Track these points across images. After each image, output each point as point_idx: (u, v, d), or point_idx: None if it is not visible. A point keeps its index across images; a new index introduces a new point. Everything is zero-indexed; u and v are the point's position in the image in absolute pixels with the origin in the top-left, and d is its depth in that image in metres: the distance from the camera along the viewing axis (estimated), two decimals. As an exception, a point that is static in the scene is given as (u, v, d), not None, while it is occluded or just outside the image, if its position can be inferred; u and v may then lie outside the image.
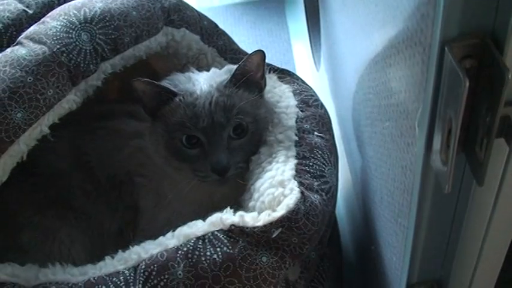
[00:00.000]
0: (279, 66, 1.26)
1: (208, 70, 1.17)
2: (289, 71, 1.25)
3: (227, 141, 1.02)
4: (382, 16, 0.71)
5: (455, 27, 0.51)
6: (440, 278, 0.78)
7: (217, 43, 1.27)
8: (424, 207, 0.67)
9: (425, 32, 0.55)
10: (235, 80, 1.04)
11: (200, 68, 1.19)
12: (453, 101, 0.51)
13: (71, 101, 1.03)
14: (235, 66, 1.07)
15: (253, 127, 1.04)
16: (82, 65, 1.03)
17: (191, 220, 0.95)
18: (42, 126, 0.99)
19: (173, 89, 1.04)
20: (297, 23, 1.93)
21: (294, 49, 2.00)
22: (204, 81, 1.07)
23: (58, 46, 1.01)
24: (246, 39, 1.06)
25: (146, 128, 1.11)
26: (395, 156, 0.75)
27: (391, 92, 0.72)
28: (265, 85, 1.11)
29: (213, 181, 1.03)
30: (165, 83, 1.07)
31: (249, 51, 1.07)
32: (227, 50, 1.28)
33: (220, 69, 1.16)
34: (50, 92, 0.99)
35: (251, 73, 1.05)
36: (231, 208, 0.94)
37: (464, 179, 0.63)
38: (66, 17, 1.04)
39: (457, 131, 0.52)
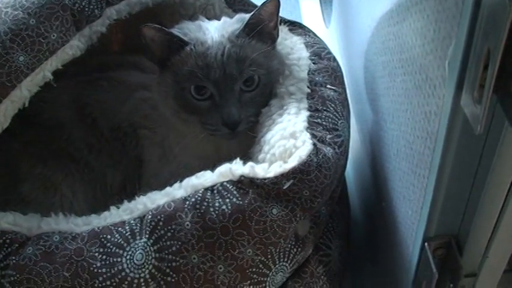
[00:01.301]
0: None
1: (216, 21, 1.14)
2: (300, 23, 1.21)
3: (238, 94, 0.99)
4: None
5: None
6: (459, 232, 0.75)
7: (225, -7, 1.23)
8: (449, 154, 0.64)
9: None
10: (249, 29, 1.01)
11: (208, 19, 1.15)
12: (494, 31, 0.47)
13: (74, 46, 1.00)
14: (247, 15, 1.03)
15: (265, 79, 1.02)
16: (87, 9, 1.00)
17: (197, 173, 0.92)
18: (45, 71, 0.96)
19: (184, 37, 1.00)
20: (306, -21, 1.89)
21: (301, 6, 1.95)
22: (215, 31, 1.03)
23: (62, -12, 0.97)
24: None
25: (153, 79, 1.08)
26: (418, 102, 0.71)
27: (417, 33, 0.68)
28: (278, 36, 1.07)
29: (223, 135, 1.01)
30: (175, 31, 1.03)
31: (258, 4, 1.03)
32: (236, 0, 1.24)
33: (229, 20, 1.12)
34: (53, 36, 0.96)
35: (265, 23, 1.01)
36: (240, 159, 0.91)
37: (493, 122, 0.59)
38: (71, -42, 1.00)
39: (496, 64, 0.48)
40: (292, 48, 1.11)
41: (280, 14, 1.06)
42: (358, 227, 1.22)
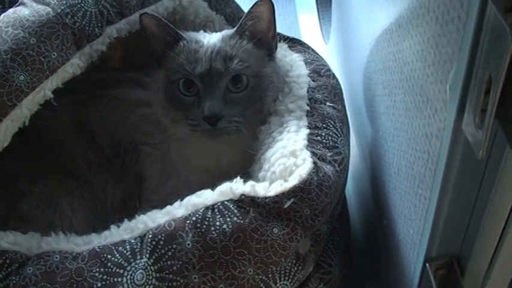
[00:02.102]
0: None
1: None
2: (299, 40, 1.22)
3: (224, 91, 1.00)
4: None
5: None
6: (460, 253, 0.75)
7: (225, 10, 1.24)
8: (450, 176, 0.64)
9: (463, -14, 0.51)
10: (241, 29, 1.03)
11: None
12: (495, 58, 0.47)
13: (75, 65, 1.00)
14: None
15: (254, 82, 1.02)
16: (87, 28, 1.00)
17: (198, 189, 0.93)
18: (45, 90, 0.96)
19: (179, 31, 1.03)
20: (304, -6, 1.89)
21: (300, 22, 1.96)
22: (214, 35, 1.06)
23: (62, 7, 0.98)
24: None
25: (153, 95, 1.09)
26: (419, 124, 0.71)
27: (417, 55, 0.69)
28: (276, 48, 1.08)
29: (204, 132, 1.00)
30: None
31: None
32: (235, 17, 1.24)
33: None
34: (53, 54, 0.96)
35: (259, 26, 1.02)
36: (240, 177, 0.91)
37: (494, 145, 0.59)
38: (71, -23, 1.00)
39: (498, 90, 0.48)
40: (292, 65, 1.11)
41: (279, 29, 1.07)
42: (358, 243, 1.22)
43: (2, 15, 0.98)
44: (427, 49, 0.65)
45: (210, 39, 1.04)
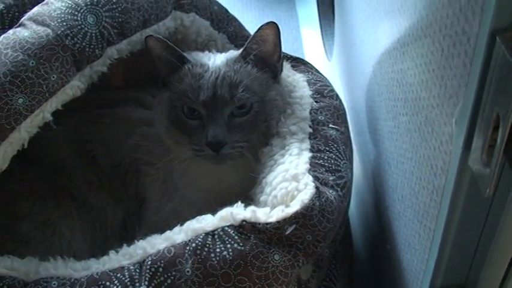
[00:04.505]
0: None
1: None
2: (303, 60, 1.20)
3: (228, 117, 0.99)
4: (414, 2, 0.66)
5: (509, 15, 0.45)
6: (466, 283, 0.74)
7: (227, 29, 1.23)
8: (456, 210, 0.63)
9: (470, 20, 0.50)
10: (246, 53, 1.02)
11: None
12: (504, 96, 0.46)
13: (75, 87, 0.99)
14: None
15: (258, 107, 1.00)
16: (87, 49, 0.98)
17: (200, 210, 0.92)
18: (44, 113, 0.95)
19: (184, 54, 1.03)
20: (307, 9, 1.88)
21: (303, 37, 1.95)
22: (219, 57, 1.05)
23: (62, 29, 0.97)
24: (254, 26, 1.01)
25: (155, 103, 1.09)
26: (424, 154, 0.70)
27: (422, 85, 0.67)
28: (281, 70, 1.07)
29: (208, 157, 0.99)
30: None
31: None
32: (238, 36, 1.24)
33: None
34: (53, 77, 0.95)
35: (264, 49, 1.02)
36: (241, 202, 0.90)
37: (501, 182, 0.58)
38: (71, -2, 0.99)
39: (507, 129, 0.47)
40: (295, 86, 1.10)
41: (283, 44, 1.05)
42: (361, 267, 1.20)
43: (2, 36, 0.96)
44: (432, 80, 0.63)
45: (215, 61, 1.03)
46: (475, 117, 0.53)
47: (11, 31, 0.97)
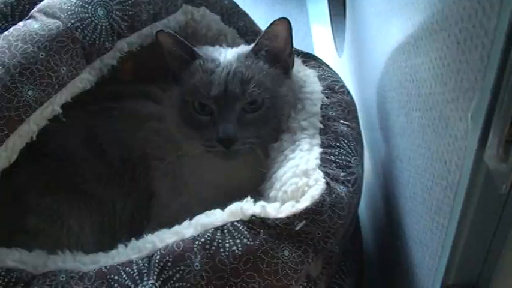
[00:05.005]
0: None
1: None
2: (313, 55, 1.20)
3: (239, 113, 0.98)
4: (430, -5, 0.65)
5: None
6: (478, 281, 0.73)
7: (237, 24, 1.22)
8: (470, 207, 0.62)
9: (488, 13, 0.49)
10: (258, 49, 1.01)
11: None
12: (523, 91, 0.45)
13: (84, 79, 0.99)
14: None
15: (269, 103, 1.00)
16: (97, 42, 0.98)
17: (209, 205, 0.91)
18: (54, 105, 0.95)
19: (195, 49, 1.02)
20: (317, 5, 1.87)
21: (313, 33, 1.94)
22: (230, 52, 1.05)
23: (73, 21, 0.96)
24: (264, 22, 1.00)
25: (165, 98, 1.09)
26: (437, 149, 0.69)
27: (437, 79, 0.66)
28: (292, 65, 1.07)
29: (218, 152, 0.99)
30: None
31: None
32: (248, 31, 1.23)
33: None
34: (63, 69, 0.94)
35: (276, 45, 1.01)
36: (251, 197, 0.89)
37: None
38: (81, -10, 0.99)
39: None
40: (306, 81, 1.09)
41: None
42: (371, 263, 1.19)
43: (12, 28, 0.96)
44: (447, 74, 0.62)
45: (226, 56, 1.03)
46: (492, 112, 0.52)
47: (21, 23, 0.97)
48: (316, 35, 1.93)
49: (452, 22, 0.59)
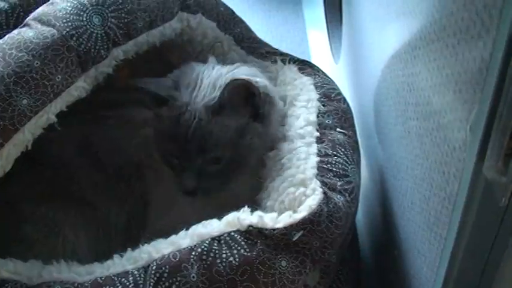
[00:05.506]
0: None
1: (224, 59, 1.14)
2: (310, 62, 1.19)
3: (200, 166, 0.98)
4: (427, 4, 0.65)
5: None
6: (477, 291, 0.72)
7: (234, 31, 1.22)
8: (469, 218, 0.61)
9: (487, 25, 0.48)
10: (223, 102, 0.97)
11: (216, 57, 1.14)
12: (522, 105, 0.44)
13: (80, 88, 0.98)
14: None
15: (230, 157, 0.99)
16: (92, 50, 0.98)
17: (205, 215, 0.91)
18: (49, 114, 0.94)
19: (162, 94, 1.01)
20: (314, 11, 1.86)
21: (310, 39, 1.93)
22: (203, 88, 1.01)
23: (68, 29, 0.96)
24: (260, 28, 1.00)
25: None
26: (435, 160, 0.68)
27: (435, 89, 0.66)
28: (266, 112, 1.02)
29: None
30: (165, 80, 1.04)
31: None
32: (244, 38, 1.22)
33: (237, 58, 1.14)
34: (58, 78, 0.94)
35: (237, 100, 0.98)
36: (248, 207, 0.88)
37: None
38: (77, -2, 0.99)
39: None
40: (302, 89, 1.09)
41: (288, 47, 1.04)
42: (369, 272, 1.19)
43: (6, 36, 0.96)
44: (445, 85, 0.62)
45: (192, 98, 0.99)
46: (491, 124, 0.51)
47: (15, 31, 0.97)
48: (312, 41, 1.92)
49: (450, 33, 0.58)
